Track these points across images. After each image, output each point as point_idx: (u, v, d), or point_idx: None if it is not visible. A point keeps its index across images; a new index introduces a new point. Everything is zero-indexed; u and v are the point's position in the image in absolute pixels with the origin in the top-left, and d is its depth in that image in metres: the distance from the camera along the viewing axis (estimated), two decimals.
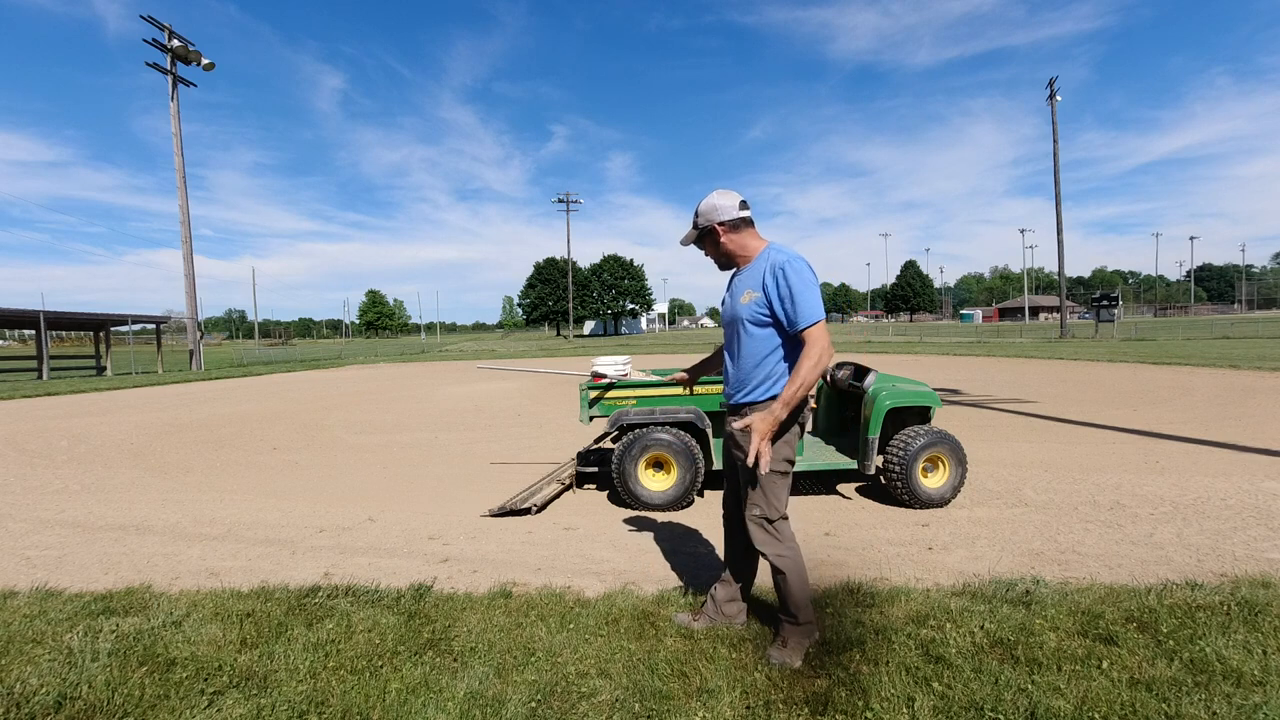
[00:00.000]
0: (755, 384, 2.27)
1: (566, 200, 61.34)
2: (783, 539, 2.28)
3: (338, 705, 2.03)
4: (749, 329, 2.25)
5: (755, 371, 2.26)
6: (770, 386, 2.25)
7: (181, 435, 8.28)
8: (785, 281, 2.15)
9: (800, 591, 2.26)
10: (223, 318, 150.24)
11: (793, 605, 2.27)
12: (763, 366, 2.25)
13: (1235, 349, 19.75)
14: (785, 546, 2.27)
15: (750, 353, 2.27)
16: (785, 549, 2.27)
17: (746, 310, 2.24)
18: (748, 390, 2.29)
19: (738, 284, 2.33)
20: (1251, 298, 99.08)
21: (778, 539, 2.28)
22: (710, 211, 2.31)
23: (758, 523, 2.28)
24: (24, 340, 60.93)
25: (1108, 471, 5.13)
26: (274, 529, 4.17)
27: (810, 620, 2.32)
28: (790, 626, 2.30)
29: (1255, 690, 1.99)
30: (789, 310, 2.15)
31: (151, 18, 23.08)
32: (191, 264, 24.59)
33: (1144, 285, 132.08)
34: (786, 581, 2.26)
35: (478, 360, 26.79)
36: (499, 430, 8.14)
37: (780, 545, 2.27)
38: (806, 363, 2.11)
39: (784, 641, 2.29)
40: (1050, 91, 31.92)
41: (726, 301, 2.42)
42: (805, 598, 2.28)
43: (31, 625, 2.65)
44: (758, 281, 2.22)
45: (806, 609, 2.29)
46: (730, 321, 2.35)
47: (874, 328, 69.05)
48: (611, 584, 3.07)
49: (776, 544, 2.27)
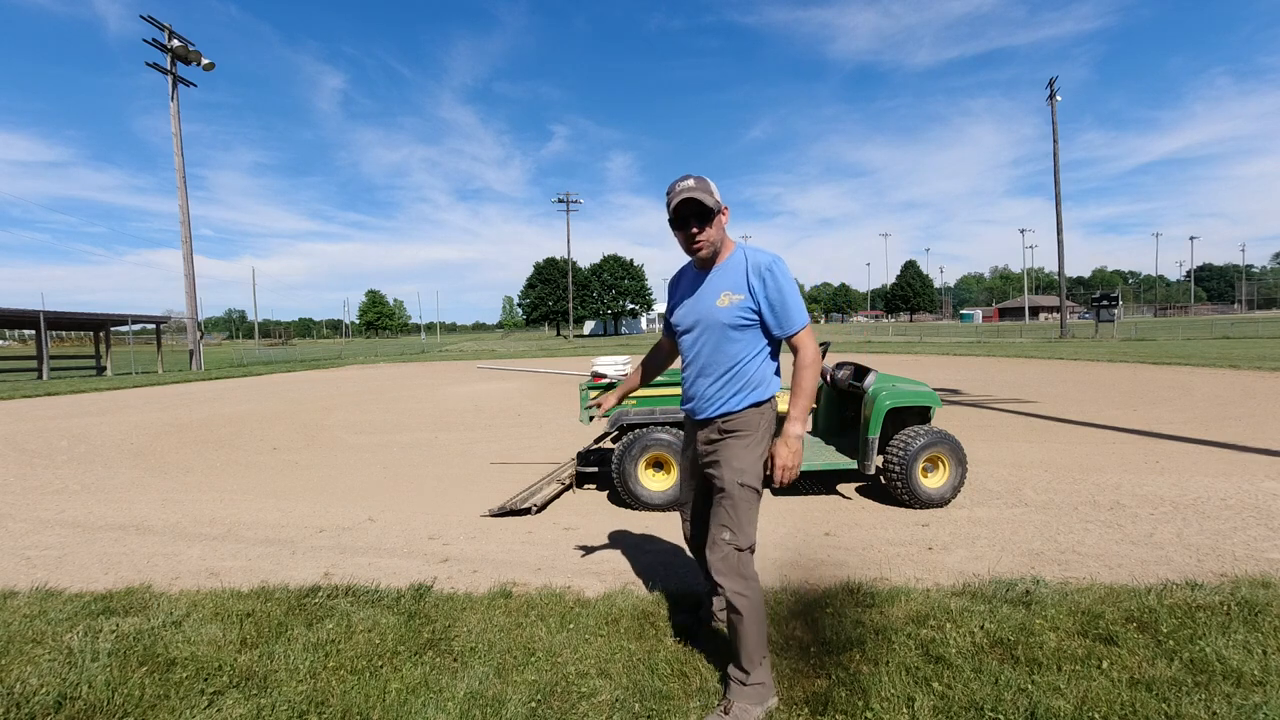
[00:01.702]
0: (733, 393, 2.06)
1: (566, 200, 61.36)
2: (746, 573, 1.99)
3: (338, 705, 2.03)
4: (729, 334, 2.04)
5: (734, 380, 2.05)
6: (749, 394, 2.05)
7: (181, 435, 8.28)
8: (774, 283, 1.99)
9: (756, 638, 1.96)
10: (223, 318, 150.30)
11: (745, 656, 1.95)
12: (742, 374, 2.05)
13: (1235, 349, 19.75)
14: (747, 583, 1.98)
15: (729, 359, 2.05)
16: (748, 586, 1.98)
17: (727, 314, 2.03)
18: (724, 400, 2.07)
19: (709, 285, 2.09)
20: (1251, 298, 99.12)
21: (741, 572, 1.98)
22: (715, 191, 2.06)
23: (725, 550, 1.99)
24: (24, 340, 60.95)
25: (1108, 471, 5.13)
26: (274, 529, 4.17)
27: (764, 681, 1.97)
28: (738, 687, 1.94)
29: (1255, 690, 1.99)
30: (779, 314, 2.00)
31: (151, 18, 23.09)
32: (191, 264, 24.60)
33: (1144, 285, 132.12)
34: (743, 624, 1.95)
35: (478, 360, 26.79)
36: (499, 430, 8.14)
37: (743, 581, 1.97)
38: (806, 373, 1.97)
39: (726, 708, 1.92)
40: (1050, 91, 31.93)
41: (684, 304, 2.18)
42: (762, 647, 1.97)
43: (31, 625, 2.64)
44: (738, 283, 2.03)
45: (762, 664, 1.97)
46: (696, 326, 2.11)
47: (874, 328, 69.05)
48: (611, 584, 3.06)
49: (739, 579, 1.97)
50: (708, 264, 2.13)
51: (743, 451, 2.05)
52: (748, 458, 2.04)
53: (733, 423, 2.07)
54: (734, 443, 2.06)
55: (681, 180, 2.04)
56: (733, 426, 2.07)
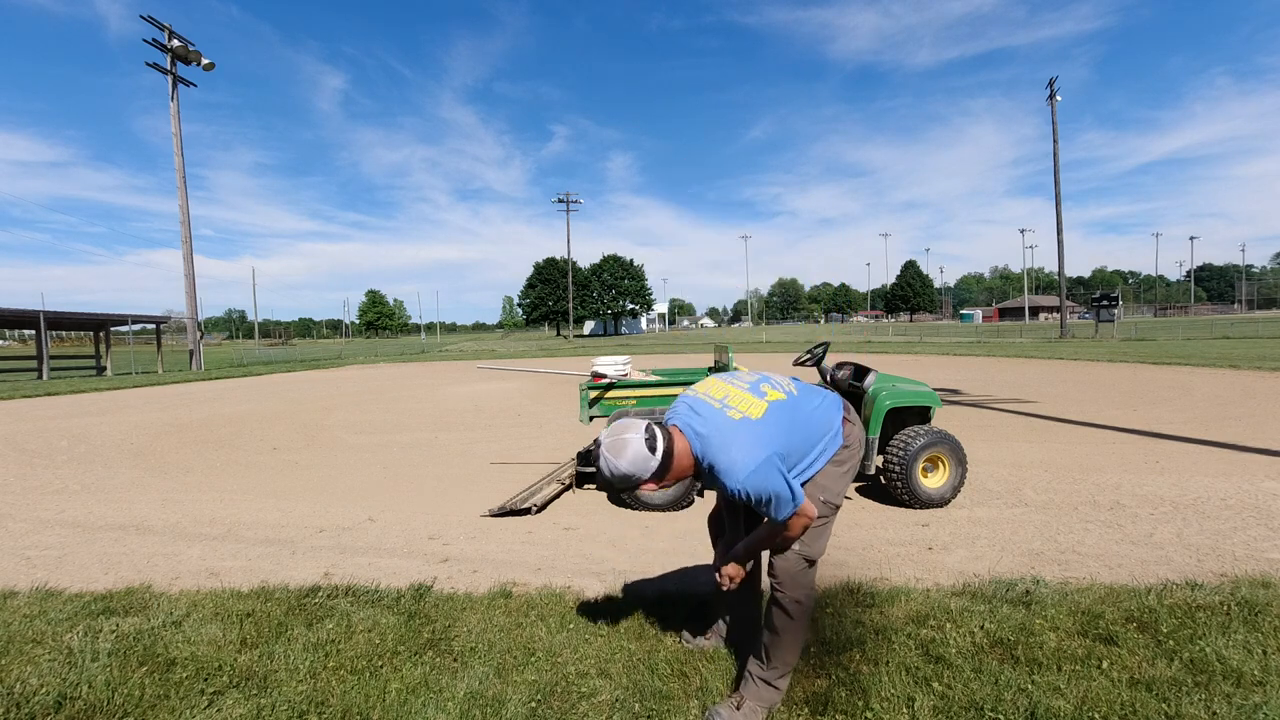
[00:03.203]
0: None
1: (566, 200, 61.38)
2: (809, 583, 2.02)
3: (338, 705, 2.03)
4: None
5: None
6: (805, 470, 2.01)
7: (181, 435, 8.28)
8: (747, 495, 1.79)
9: (794, 647, 2.02)
10: (223, 318, 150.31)
11: (777, 658, 1.99)
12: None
13: (1235, 349, 19.75)
14: (806, 593, 2.00)
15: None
16: (805, 595, 2.00)
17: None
18: None
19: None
20: (1251, 298, 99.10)
21: (804, 582, 1.99)
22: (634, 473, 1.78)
23: (796, 558, 1.98)
24: (24, 340, 60.90)
25: (1108, 471, 5.13)
26: (274, 529, 4.17)
27: (782, 688, 2.02)
28: (759, 686, 1.99)
29: (1255, 690, 1.99)
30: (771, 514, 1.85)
31: (151, 18, 23.10)
32: (191, 264, 24.60)
33: (1144, 285, 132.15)
34: (789, 631, 1.98)
35: (478, 360, 26.79)
36: (499, 430, 8.14)
37: (803, 590, 1.99)
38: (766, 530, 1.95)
39: (739, 702, 1.96)
40: (1050, 91, 31.93)
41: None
42: (795, 656, 2.04)
43: (31, 625, 2.65)
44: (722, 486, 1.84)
45: (786, 674, 2.03)
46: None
47: (874, 328, 69.08)
48: (611, 584, 3.07)
49: (800, 587, 1.98)
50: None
51: (834, 473, 2.07)
52: (840, 480, 2.08)
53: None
54: (830, 467, 2.06)
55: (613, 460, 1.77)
56: None
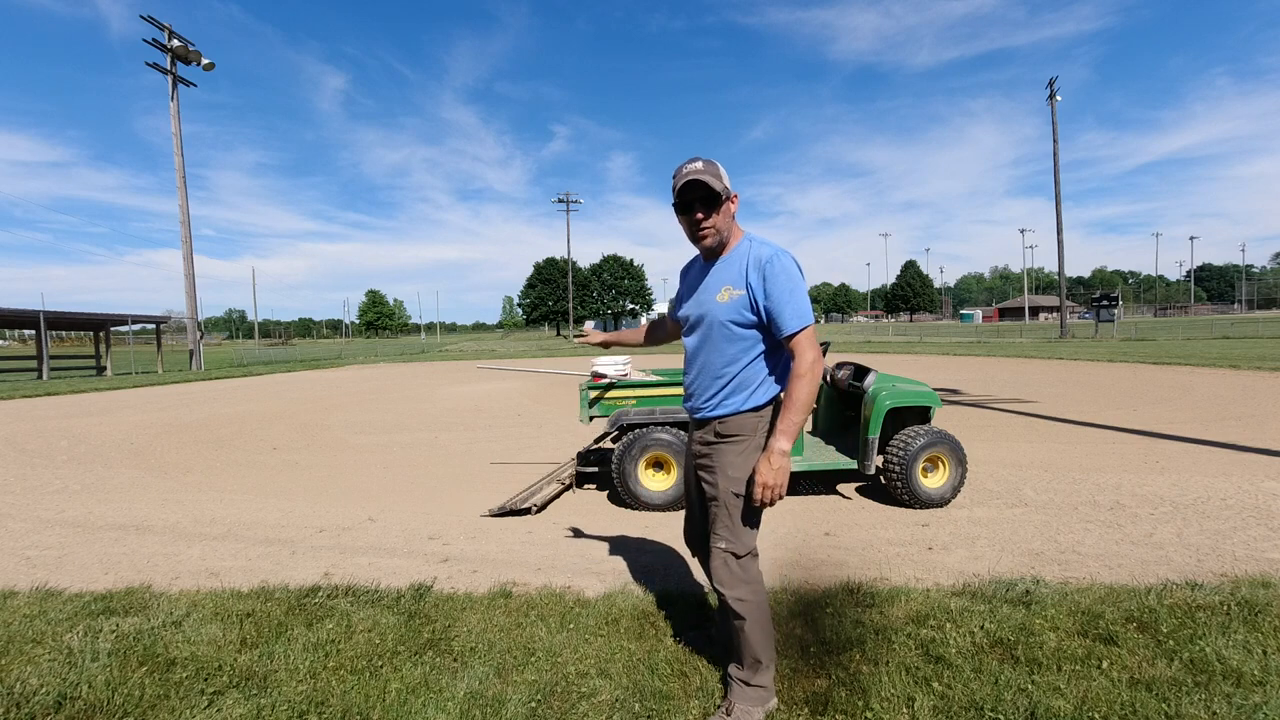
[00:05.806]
0: (730, 393, 1.94)
1: (567, 200, 61.32)
2: (749, 578, 1.92)
3: (338, 705, 2.03)
4: (728, 331, 1.93)
5: (732, 380, 1.94)
6: (748, 396, 1.94)
7: (181, 435, 8.27)
8: (773, 279, 1.85)
9: (761, 643, 1.91)
10: (223, 318, 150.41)
11: (749, 660, 1.91)
12: (741, 374, 1.94)
13: (1235, 349, 19.75)
14: (749, 588, 1.91)
15: (726, 358, 1.94)
16: (749, 591, 1.90)
17: (725, 310, 1.91)
18: (721, 401, 1.95)
19: (713, 278, 1.99)
20: (1251, 298, 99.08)
21: (742, 578, 1.91)
22: (724, 175, 1.92)
23: (723, 557, 1.92)
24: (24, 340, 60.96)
25: (1108, 471, 5.13)
26: (274, 529, 4.17)
27: (767, 684, 1.94)
28: (741, 689, 1.92)
29: (1255, 690, 1.99)
30: (776, 313, 1.85)
31: (151, 18, 23.09)
32: (192, 264, 24.60)
33: (1144, 285, 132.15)
34: (745, 629, 1.89)
35: (478, 360, 26.79)
36: (499, 430, 8.14)
37: (743, 586, 1.90)
38: (800, 383, 1.80)
39: (729, 709, 1.90)
40: (1050, 92, 31.94)
41: (690, 296, 2.08)
42: (766, 652, 1.92)
43: (31, 625, 2.64)
44: (738, 277, 1.90)
45: (766, 668, 1.93)
46: (700, 321, 2.00)
47: (874, 328, 69.05)
48: (611, 584, 3.06)
49: (740, 584, 1.90)
50: (714, 254, 2.01)
51: (737, 458, 1.93)
52: (742, 465, 1.92)
53: (729, 426, 1.95)
54: (728, 448, 1.95)
55: (689, 162, 1.91)
56: (728, 430, 1.95)
